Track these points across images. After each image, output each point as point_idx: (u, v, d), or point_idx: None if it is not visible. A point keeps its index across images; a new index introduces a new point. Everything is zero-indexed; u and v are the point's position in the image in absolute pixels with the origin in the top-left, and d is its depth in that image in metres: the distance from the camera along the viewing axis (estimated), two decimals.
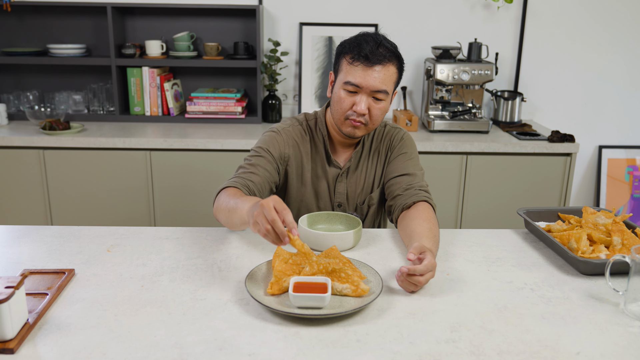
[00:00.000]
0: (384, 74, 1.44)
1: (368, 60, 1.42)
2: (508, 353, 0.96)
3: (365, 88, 1.44)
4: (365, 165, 1.62)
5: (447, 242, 1.44)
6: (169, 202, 2.64)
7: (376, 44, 1.43)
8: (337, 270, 1.14)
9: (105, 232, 1.46)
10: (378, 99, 1.46)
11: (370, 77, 1.43)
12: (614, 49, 3.07)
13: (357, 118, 1.47)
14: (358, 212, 1.64)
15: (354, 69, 1.44)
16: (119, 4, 2.81)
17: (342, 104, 1.47)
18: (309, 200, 1.60)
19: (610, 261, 1.14)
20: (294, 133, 1.58)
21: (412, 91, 3.13)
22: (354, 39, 1.47)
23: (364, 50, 1.42)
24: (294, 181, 1.59)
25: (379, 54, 1.42)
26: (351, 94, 1.46)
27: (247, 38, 3.03)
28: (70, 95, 2.97)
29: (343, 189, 1.60)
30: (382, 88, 1.44)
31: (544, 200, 2.67)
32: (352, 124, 1.49)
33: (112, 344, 0.96)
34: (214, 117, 2.92)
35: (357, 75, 1.43)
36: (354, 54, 1.44)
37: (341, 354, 0.94)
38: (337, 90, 1.49)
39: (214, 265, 1.28)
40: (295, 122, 1.61)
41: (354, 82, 1.44)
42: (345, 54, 1.47)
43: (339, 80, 1.48)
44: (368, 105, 1.46)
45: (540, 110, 3.16)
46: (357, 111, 1.45)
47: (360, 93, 1.45)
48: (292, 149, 1.57)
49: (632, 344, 1.00)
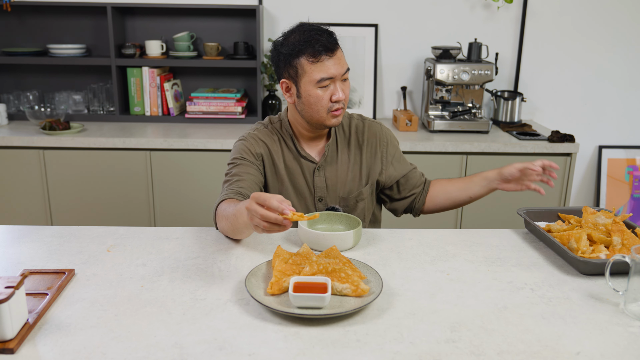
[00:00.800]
0: (342, 54, 1.49)
1: (329, 49, 1.44)
2: (508, 353, 0.96)
3: (338, 76, 1.47)
4: (346, 158, 1.63)
5: (447, 242, 1.44)
6: (169, 202, 2.64)
7: (323, 32, 1.46)
8: (337, 270, 1.14)
9: (105, 232, 1.46)
10: (345, 79, 1.51)
11: (338, 65, 1.46)
12: (613, 48, 3.07)
13: (338, 106, 1.50)
14: (341, 205, 1.63)
15: (322, 64, 1.45)
16: (119, 4, 2.81)
17: (322, 102, 1.48)
18: (289, 196, 1.60)
19: (610, 261, 1.14)
20: (260, 135, 1.60)
21: (412, 91, 3.13)
22: (302, 39, 1.44)
23: (321, 43, 1.44)
24: (270, 180, 1.60)
25: (332, 40, 1.46)
26: (326, 88, 1.48)
27: (247, 38, 3.03)
28: (70, 95, 2.97)
29: (322, 182, 1.61)
30: (347, 67, 1.50)
31: (544, 200, 2.67)
32: (334, 114, 1.51)
33: (112, 344, 0.96)
34: (214, 117, 2.92)
35: (328, 67, 1.45)
36: (314, 51, 1.44)
37: (341, 354, 0.94)
38: (310, 93, 1.47)
39: (214, 265, 1.28)
40: (261, 125, 1.64)
41: (328, 75, 1.45)
42: (300, 56, 1.45)
43: (307, 83, 1.46)
44: (343, 89, 1.50)
45: (540, 110, 3.16)
46: (339, 99, 1.48)
47: (333, 83, 1.48)
48: (262, 149, 1.58)
49: (632, 344, 1.00)
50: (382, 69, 3.09)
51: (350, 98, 3.05)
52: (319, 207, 1.61)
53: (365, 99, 3.06)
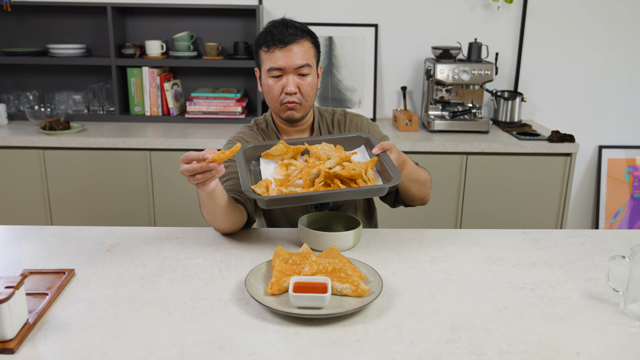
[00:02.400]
0: (301, 49, 1.50)
1: (282, 42, 1.48)
2: (508, 353, 0.96)
3: (289, 67, 1.50)
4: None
5: (447, 242, 1.44)
6: (169, 202, 2.64)
7: (284, 26, 1.51)
8: (337, 270, 1.14)
9: (105, 232, 1.46)
10: (303, 74, 1.52)
11: (289, 57, 1.49)
12: (614, 48, 3.07)
13: (290, 99, 1.52)
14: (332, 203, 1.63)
15: (273, 55, 1.50)
16: (119, 4, 2.81)
17: (272, 91, 1.53)
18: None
19: (610, 261, 1.14)
20: (246, 136, 1.63)
21: (412, 91, 3.13)
22: (264, 30, 1.53)
23: (276, 35, 1.49)
24: None
25: (289, 33, 1.49)
26: (278, 79, 1.52)
27: (247, 38, 3.03)
28: (70, 95, 2.97)
29: None
30: (304, 62, 1.51)
31: (544, 200, 2.67)
32: (287, 107, 1.53)
33: (112, 344, 0.96)
34: (214, 117, 2.92)
35: (277, 58, 1.49)
36: (267, 41, 1.50)
37: (341, 354, 0.94)
38: (264, 81, 1.54)
39: (214, 265, 1.28)
40: (246, 128, 1.67)
41: (276, 65, 1.49)
42: (260, 46, 1.53)
43: (263, 72, 1.54)
44: (296, 84, 1.51)
45: (540, 110, 3.16)
46: (288, 92, 1.51)
47: (285, 75, 1.51)
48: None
49: (632, 344, 1.00)
50: (382, 69, 3.09)
51: (350, 98, 3.05)
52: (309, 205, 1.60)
53: (365, 99, 3.06)
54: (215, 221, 1.41)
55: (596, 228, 3.20)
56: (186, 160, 1.21)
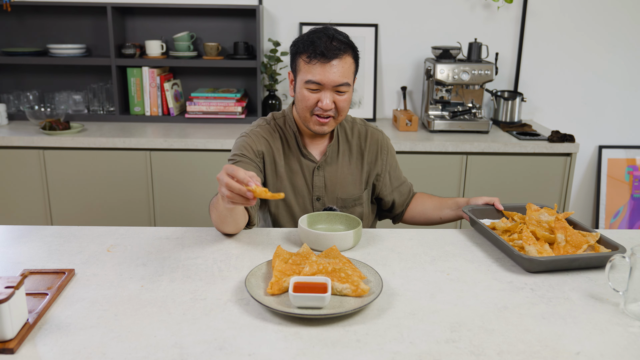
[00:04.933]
0: (342, 66, 1.46)
1: (324, 56, 1.44)
2: (508, 353, 0.96)
3: (327, 84, 1.46)
4: (346, 160, 1.64)
5: (447, 242, 1.44)
6: (169, 202, 2.64)
7: (329, 39, 1.45)
8: (337, 270, 1.14)
9: (105, 232, 1.46)
10: (341, 92, 1.49)
11: (330, 73, 1.45)
12: (614, 48, 3.07)
13: (323, 114, 1.49)
14: (339, 207, 1.64)
15: (312, 67, 1.45)
16: (119, 4, 2.81)
17: (306, 102, 1.49)
18: (287, 195, 1.61)
19: (610, 261, 1.14)
20: (262, 132, 1.60)
21: (412, 91, 3.13)
22: (307, 37, 1.48)
23: (319, 47, 1.44)
24: (269, 177, 1.60)
25: (333, 47, 1.44)
26: (314, 92, 1.48)
27: (247, 38, 3.03)
28: (70, 95, 2.97)
29: (321, 182, 1.61)
30: (343, 81, 1.47)
31: (544, 201, 2.67)
32: (318, 121, 1.51)
33: (112, 344, 0.96)
34: (214, 117, 2.92)
35: (317, 73, 1.45)
36: (309, 52, 1.45)
37: (341, 354, 0.94)
38: (299, 90, 1.50)
39: (214, 265, 1.28)
40: (263, 122, 1.64)
41: (315, 80, 1.46)
42: (300, 54, 1.48)
43: (300, 80, 1.50)
44: (333, 99, 1.48)
45: (540, 110, 3.16)
46: (323, 107, 1.48)
47: (322, 90, 1.47)
48: (263, 146, 1.59)
49: (632, 344, 1.00)
50: (382, 69, 3.09)
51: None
52: (317, 207, 1.62)
53: (365, 99, 3.05)
54: (221, 225, 1.41)
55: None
56: (231, 175, 1.18)
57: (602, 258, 1.28)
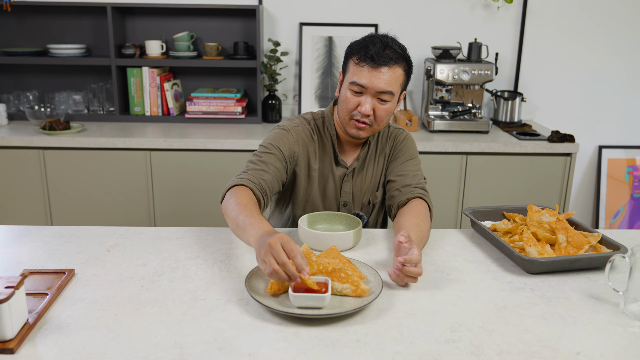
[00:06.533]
0: (390, 75, 1.44)
1: (374, 61, 1.43)
2: (508, 353, 0.96)
3: (371, 89, 1.45)
4: (371, 165, 1.63)
5: (447, 242, 1.44)
6: (169, 202, 2.64)
7: (383, 46, 1.44)
8: (337, 270, 1.14)
9: (105, 232, 1.46)
10: (383, 100, 1.46)
11: (376, 78, 1.43)
12: (613, 49, 3.07)
13: (361, 119, 1.48)
14: (364, 211, 1.65)
15: (360, 69, 1.45)
16: (119, 4, 2.81)
17: (347, 104, 1.48)
18: (315, 199, 1.61)
19: (610, 261, 1.14)
20: (303, 133, 1.58)
21: (412, 91, 3.13)
22: (362, 40, 1.48)
23: (370, 51, 1.43)
24: (301, 180, 1.59)
25: (385, 55, 1.43)
26: (357, 94, 1.47)
27: (247, 38, 3.03)
28: (70, 95, 2.97)
29: (349, 188, 1.61)
30: (387, 89, 1.45)
31: (543, 200, 2.67)
32: (356, 125, 1.49)
33: (112, 344, 0.96)
34: (214, 117, 2.92)
35: (363, 76, 1.44)
36: (361, 55, 1.45)
37: (341, 354, 0.94)
38: (343, 90, 1.50)
39: (214, 265, 1.28)
40: (304, 121, 1.61)
41: (359, 82, 1.45)
42: (352, 55, 1.48)
43: (346, 80, 1.50)
44: (373, 106, 1.46)
45: (540, 110, 3.16)
46: (361, 112, 1.46)
47: (365, 94, 1.46)
48: (301, 148, 1.57)
49: (632, 344, 1.00)
50: None
51: None
52: (343, 212, 1.62)
53: None
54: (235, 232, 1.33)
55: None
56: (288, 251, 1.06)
57: (602, 258, 1.28)
